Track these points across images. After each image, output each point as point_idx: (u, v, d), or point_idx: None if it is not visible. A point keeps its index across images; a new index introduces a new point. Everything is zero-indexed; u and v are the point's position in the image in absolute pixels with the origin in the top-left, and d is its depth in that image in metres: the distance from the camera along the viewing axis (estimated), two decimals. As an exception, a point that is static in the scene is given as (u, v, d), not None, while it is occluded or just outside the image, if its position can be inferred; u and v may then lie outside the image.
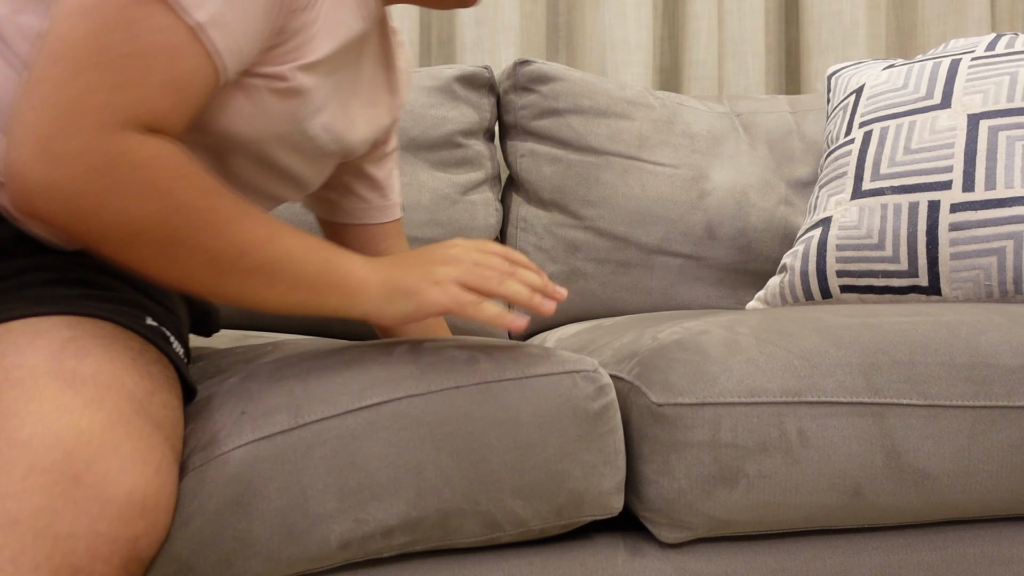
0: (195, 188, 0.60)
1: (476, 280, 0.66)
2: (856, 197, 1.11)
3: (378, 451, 0.65)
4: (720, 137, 1.43)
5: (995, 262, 1.00)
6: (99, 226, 0.58)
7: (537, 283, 0.69)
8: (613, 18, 1.69)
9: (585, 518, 0.71)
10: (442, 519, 0.66)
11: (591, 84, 1.41)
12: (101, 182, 0.56)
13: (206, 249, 0.60)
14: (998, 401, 0.75)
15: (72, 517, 0.51)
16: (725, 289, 1.39)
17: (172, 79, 0.59)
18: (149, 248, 0.59)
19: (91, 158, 0.56)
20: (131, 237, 0.58)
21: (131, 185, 0.57)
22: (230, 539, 0.62)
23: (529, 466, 0.67)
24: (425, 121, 1.33)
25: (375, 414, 0.65)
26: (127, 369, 0.61)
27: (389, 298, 0.66)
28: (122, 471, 0.54)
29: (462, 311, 0.65)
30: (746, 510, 0.73)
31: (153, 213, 0.58)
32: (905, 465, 0.74)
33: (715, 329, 0.78)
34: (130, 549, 0.54)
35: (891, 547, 0.78)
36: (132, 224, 0.58)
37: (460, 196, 1.34)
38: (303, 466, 0.63)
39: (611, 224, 1.36)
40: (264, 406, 0.66)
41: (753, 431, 0.71)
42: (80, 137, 0.56)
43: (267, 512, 0.63)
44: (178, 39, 0.59)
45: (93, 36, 0.57)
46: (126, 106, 0.57)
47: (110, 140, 0.57)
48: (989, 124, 1.05)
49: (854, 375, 0.74)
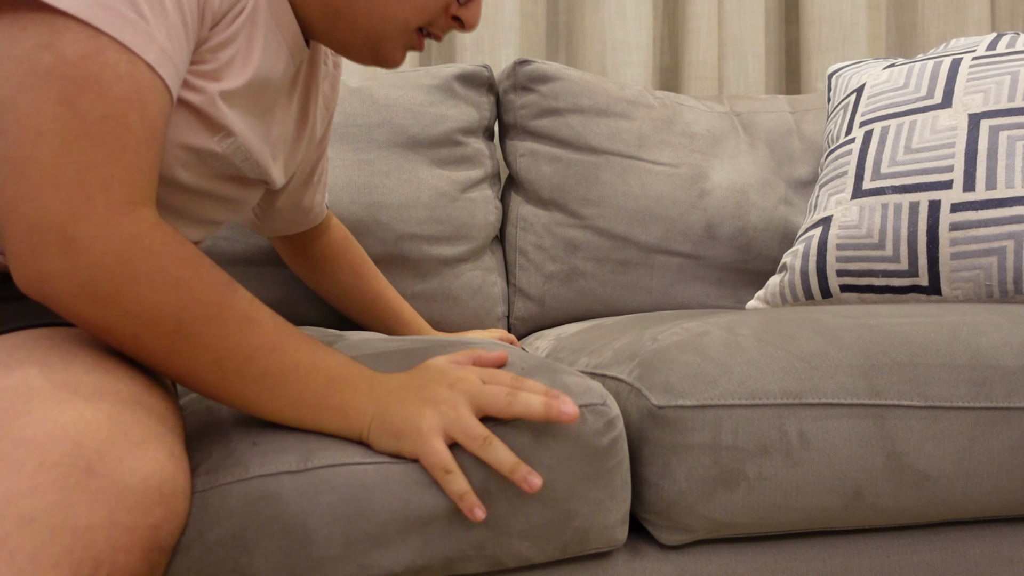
0: (208, 282, 0.59)
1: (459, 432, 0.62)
2: (856, 196, 1.10)
3: (387, 504, 0.63)
4: (720, 137, 1.43)
5: (995, 262, 0.99)
6: (114, 313, 0.57)
7: (510, 463, 0.63)
8: (613, 18, 1.68)
9: (590, 551, 0.71)
10: (447, 564, 0.66)
11: (591, 84, 1.41)
12: (118, 268, 0.55)
13: (214, 349, 0.59)
14: (999, 402, 0.75)
15: (88, 509, 0.50)
16: (725, 288, 1.39)
17: (148, 130, 0.58)
18: (159, 342, 0.58)
19: (109, 242, 0.55)
20: (142, 328, 0.57)
21: (146, 273, 0.56)
22: (230, 570, 0.61)
23: (536, 508, 0.66)
24: (425, 119, 1.33)
25: (388, 470, 0.63)
26: (118, 369, 0.60)
27: (379, 434, 0.64)
28: (136, 457, 0.53)
29: (435, 476, 0.62)
30: (747, 512, 0.72)
31: (167, 304, 0.57)
32: (906, 467, 0.74)
33: (715, 330, 0.78)
34: (151, 538, 0.52)
35: (891, 548, 0.78)
36: (145, 314, 0.57)
37: (459, 194, 1.34)
38: (309, 510, 0.62)
39: (611, 223, 1.36)
40: (276, 442, 0.64)
41: (754, 433, 0.71)
42: (96, 218, 0.55)
43: (269, 550, 0.61)
44: (142, 83, 0.58)
45: (65, 104, 0.55)
46: (123, 177, 0.56)
47: (124, 221, 0.56)
48: (990, 124, 1.05)
49: (855, 377, 0.74)
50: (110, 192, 0.55)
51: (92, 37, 0.56)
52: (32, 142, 0.54)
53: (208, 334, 0.59)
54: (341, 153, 1.29)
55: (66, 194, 0.54)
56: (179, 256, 0.58)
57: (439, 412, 0.63)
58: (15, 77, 0.55)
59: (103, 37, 0.56)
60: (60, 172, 0.54)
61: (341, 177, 1.27)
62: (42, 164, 0.54)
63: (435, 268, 1.31)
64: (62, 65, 0.55)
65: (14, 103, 0.55)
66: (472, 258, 1.35)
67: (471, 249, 1.34)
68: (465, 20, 0.76)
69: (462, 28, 0.77)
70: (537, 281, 1.36)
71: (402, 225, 1.29)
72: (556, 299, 1.36)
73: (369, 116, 1.31)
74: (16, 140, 0.54)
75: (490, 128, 1.42)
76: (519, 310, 1.37)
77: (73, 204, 0.54)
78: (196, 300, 0.58)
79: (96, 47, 0.56)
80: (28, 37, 0.55)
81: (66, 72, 0.55)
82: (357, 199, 1.27)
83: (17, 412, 0.53)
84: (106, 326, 0.57)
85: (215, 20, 0.66)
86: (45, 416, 0.52)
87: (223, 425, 0.67)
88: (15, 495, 0.49)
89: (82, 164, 0.55)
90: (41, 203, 0.54)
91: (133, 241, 0.56)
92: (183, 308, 0.57)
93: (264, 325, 0.61)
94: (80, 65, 0.55)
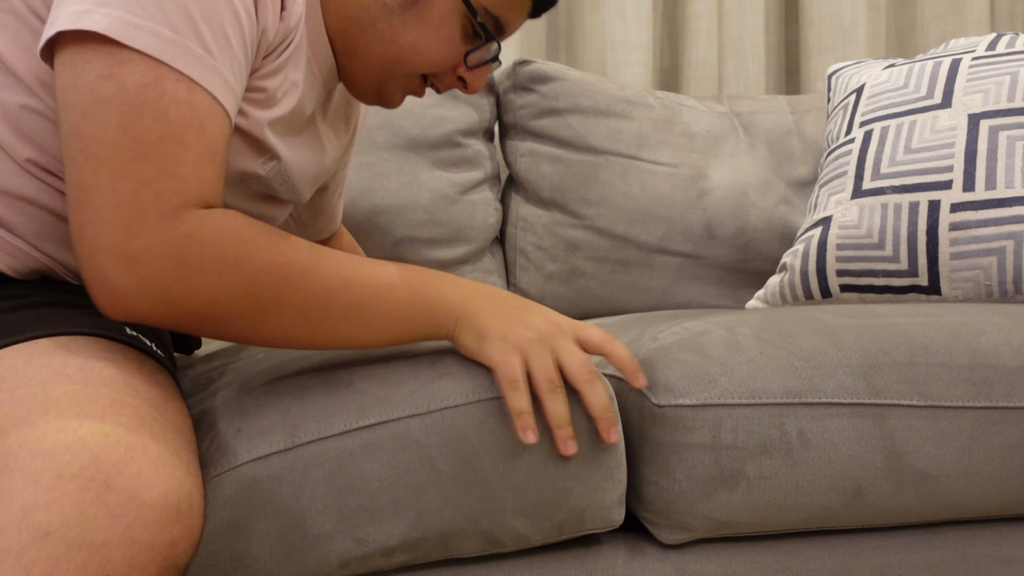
0: (264, 248, 0.61)
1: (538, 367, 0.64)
2: (856, 196, 1.10)
3: (377, 473, 0.64)
4: (720, 137, 1.43)
5: (995, 262, 1.00)
6: (193, 309, 0.59)
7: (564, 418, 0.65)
8: (613, 18, 1.68)
9: (586, 531, 0.71)
10: (443, 539, 0.66)
11: (591, 84, 1.41)
12: (179, 269, 0.58)
13: (293, 305, 0.61)
14: (998, 402, 0.75)
15: (105, 525, 0.49)
16: (725, 288, 1.39)
17: (206, 148, 0.60)
18: (243, 319, 0.60)
19: (164, 248, 0.57)
20: (222, 312, 0.59)
21: (206, 263, 0.58)
22: (228, 559, 0.61)
23: (531, 486, 0.66)
24: (425, 120, 1.33)
25: (373, 435, 0.64)
26: (136, 381, 0.60)
27: (467, 331, 0.65)
28: (155, 474, 0.52)
29: (501, 386, 0.64)
30: (746, 511, 0.72)
31: (234, 284, 0.59)
32: (905, 466, 0.74)
33: (715, 330, 0.78)
34: (166, 556, 0.52)
35: (891, 547, 0.78)
36: (219, 300, 0.59)
37: (460, 195, 1.34)
38: (301, 487, 0.62)
39: (611, 223, 1.36)
40: (259, 424, 0.64)
41: (753, 432, 0.71)
42: (148, 232, 0.57)
43: (265, 533, 0.62)
44: (200, 107, 0.60)
45: (123, 129, 0.57)
46: (176, 189, 0.58)
47: (175, 225, 0.58)
48: (990, 124, 1.05)
49: (854, 376, 0.74)
50: (162, 203, 0.57)
51: (153, 68, 0.58)
52: (93, 169, 0.57)
53: (282, 295, 0.61)
54: (341, 153, 1.29)
55: (122, 214, 0.56)
56: (231, 236, 0.59)
57: (527, 337, 0.64)
58: (79, 107, 0.57)
59: (163, 67, 0.58)
60: (117, 195, 0.57)
61: (341, 177, 1.28)
62: (102, 190, 0.57)
63: (435, 270, 1.31)
64: (122, 94, 0.57)
65: (80, 132, 0.57)
66: (472, 260, 1.35)
67: (471, 251, 1.34)
68: (469, 83, 0.78)
69: (464, 89, 0.79)
70: (537, 281, 1.36)
71: (401, 229, 1.29)
72: (556, 299, 1.36)
73: (369, 118, 1.31)
74: (81, 168, 0.57)
75: (490, 129, 1.42)
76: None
77: (128, 223, 0.57)
78: (259, 270, 0.60)
79: (156, 76, 0.58)
80: (92, 69, 0.57)
81: (126, 100, 0.57)
82: (357, 202, 1.27)
83: (35, 422, 0.52)
84: (190, 323, 0.60)
85: (268, 51, 0.68)
86: (63, 428, 0.51)
87: (210, 418, 0.68)
88: (32, 507, 0.48)
89: (136, 184, 0.57)
90: (100, 228, 0.56)
91: (186, 240, 0.58)
92: (251, 282, 0.59)
93: (329, 266, 0.63)
94: (140, 93, 0.57)
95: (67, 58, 0.58)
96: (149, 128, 0.57)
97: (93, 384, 0.56)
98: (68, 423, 0.52)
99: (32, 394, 0.54)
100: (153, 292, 0.57)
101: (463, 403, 0.66)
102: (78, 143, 0.57)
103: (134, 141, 0.57)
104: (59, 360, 0.58)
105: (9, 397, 0.54)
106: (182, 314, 0.59)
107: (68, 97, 0.58)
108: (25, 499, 0.48)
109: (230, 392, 0.70)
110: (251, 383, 0.71)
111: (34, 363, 0.57)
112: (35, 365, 0.57)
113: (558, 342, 0.65)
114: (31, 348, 0.59)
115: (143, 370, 0.62)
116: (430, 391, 0.66)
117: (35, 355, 0.58)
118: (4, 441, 0.51)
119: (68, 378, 0.56)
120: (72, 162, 0.58)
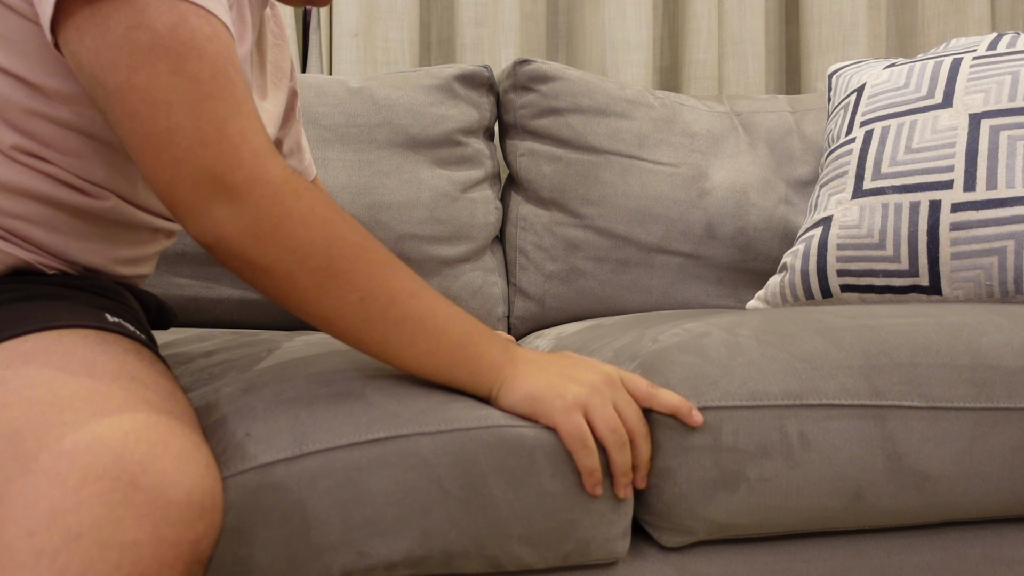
0: (350, 224, 0.63)
1: (601, 420, 0.66)
2: (857, 196, 1.10)
3: (384, 488, 0.63)
4: (720, 137, 1.43)
5: (996, 262, 0.99)
6: (273, 250, 0.60)
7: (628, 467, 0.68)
8: (613, 18, 1.68)
9: (590, 562, 0.71)
10: (446, 559, 0.65)
11: (591, 83, 1.41)
12: (274, 208, 0.60)
13: (359, 287, 0.62)
14: (999, 403, 0.75)
15: (135, 524, 0.49)
16: (725, 288, 1.39)
17: (244, 81, 0.62)
18: (311, 278, 0.61)
19: (263, 186, 0.60)
20: (296, 264, 0.61)
21: (298, 211, 0.61)
22: (231, 563, 0.61)
23: (539, 515, 0.66)
24: (425, 119, 1.33)
25: (381, 449, 0.63)
26: (141, 375, 0.59)
27: (512, 393, 0.66)
28: (178, 471, 0.52)
29: (570, 446, 0.65)
30: (747, 514, 0.72)
31: (317, 240, 0.61)
32: (906, 468, 0.74)
33: (716, 331, 0.78)
34: (192, 552, 0.52)
35: (892, 548, 0.78)
36: (299, 250, 0.61)
37: (460, 194, 1.34)
38: (307, 496, 0.62)
39: (611, 223, 1.35)
40: (268, 429, 0.64)
41: (754, 434, 0.71)
42: (246, 166, 0.60)
43: (268, 539, 0.61)
44: (224, 37, 0.61)
45: (177, 72, 0.58)
46: (252, 127, 0.61)
47: (270, 166, 0.60)
48: (990, 124, 1.05)
49: (855, 377, 0.74)
50: (248, 141, 0.60)
51: (174, 6, 0.59)
52: (166, 114, 0.58)
53: (354, 271, 0.62)
54: (341, 153, 1.29)
55: (215, 149, 0.59)
56: (321, 199, 0.62)
57: (586, 393, 0.66)
58: (122, 62, 0.58)
59: (182, 4, 0.59)
60: (203, 132, 0.59)
61: (341, 177, 1.27)
62: (184, 130, 0.58)
63: (435, 268, 1.31)
64: (159, 38, 0.58)
65: (134, 85, 0.58)
66: (472, 258, 1.35)
67: (471, 249, 1.34)
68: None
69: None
70: (537, 281, 1.36)
71: (403, 225, 1.28)
72: (556, 299, 1.36)
73: (369, 116, 1.31)
74: (151, 117, 0.58)
75: (490, 128, 1.42)
76: (519, 310, 1.37)
77: (224, 156, 0.59)
78: (342, 239, 0.62)
79: (180, 15, 0.59)
80: (118, 22, 0.58)
81: (164, 44, 0.58)
82: (357, 199, 1.27)
83: (51, 423, 0.51)
84: (266, 265, 0.61)
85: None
86: (81, 427, 0.51)
87: (218, 419, 0.67)
88: (61, 510, 0.48)
89: (216, 121, 0.59)
90: (199, 162, 0.59)
91: (283, 183, 0.61)
92: (331, 245, 0.61)
93: (403, 271, 0.64)
94: (174, 35, 0.59)
95: (81, 23, 0.58)
96: (198, 68, 0.59)
97: (101, 380, 0.56)
98: (85, 422, 0.52)
99: (41, 395, 0.54)
100: (245, 222, 0.59)
101: (474, 427, 0.65)
102: (135, 96, 0.58)
103: (192, 82, 0.59)
104: (59, 358, 0.57)
105: (17, 399, 0.53)
106: (260, 252, 0.60)
107: (103, 56, 0.58)
108: (53, 501, 0.48)
109: (236, 392, 0.70)
110: (258, 384, 0.70)
111: (33, 362, 0.57)
112: (34, 364, 0.56)
113: (615, 394, 0.67)
114: (23, 346, 0.59)
115: (141, 360, 0.62)
116: (442, 411, 0.66)
117: (31, 353, 0.58)
118: (22, 444, 0.51)
119: (74, 375, 0.56)
120: (136, 115, 0.58)
